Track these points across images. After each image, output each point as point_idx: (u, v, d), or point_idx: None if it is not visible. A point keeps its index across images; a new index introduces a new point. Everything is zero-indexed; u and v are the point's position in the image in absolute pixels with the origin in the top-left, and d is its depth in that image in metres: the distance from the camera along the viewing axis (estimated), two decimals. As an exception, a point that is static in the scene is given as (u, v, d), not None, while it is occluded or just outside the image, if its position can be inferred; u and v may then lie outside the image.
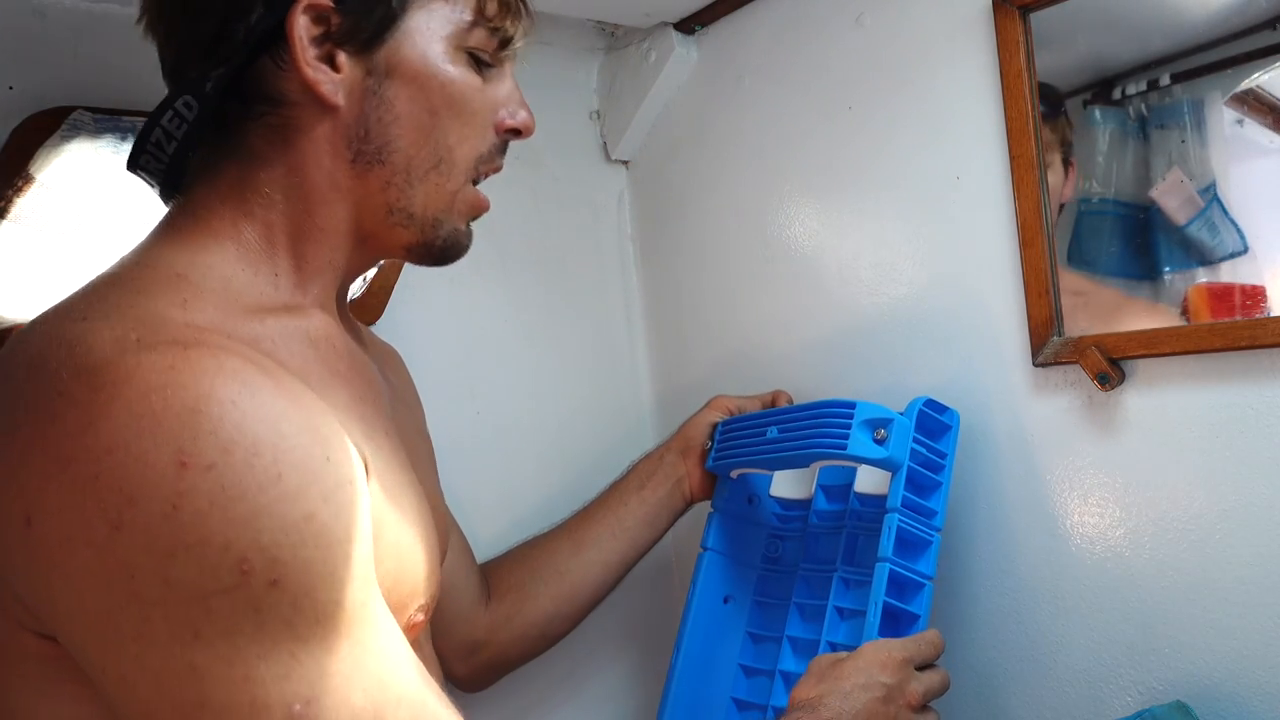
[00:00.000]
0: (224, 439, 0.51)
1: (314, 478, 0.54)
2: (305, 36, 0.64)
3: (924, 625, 0.84)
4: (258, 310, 0.64)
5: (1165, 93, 0.85)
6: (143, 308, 0.58)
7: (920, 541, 0.86)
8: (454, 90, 0.69)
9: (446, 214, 0.71)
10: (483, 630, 0.98)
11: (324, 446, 0.55)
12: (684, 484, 1.04)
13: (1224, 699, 0.79)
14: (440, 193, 0.70)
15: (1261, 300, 0.80)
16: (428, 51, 0.68)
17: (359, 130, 0.67)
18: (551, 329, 1.24)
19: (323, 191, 0.68)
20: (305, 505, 0.53)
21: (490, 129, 0.72)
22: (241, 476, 0.51)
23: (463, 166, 0.71)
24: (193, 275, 0.63)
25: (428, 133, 0.69)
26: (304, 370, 0.63)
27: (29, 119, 0.86)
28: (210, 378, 0.52)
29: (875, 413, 0.87)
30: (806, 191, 1.11)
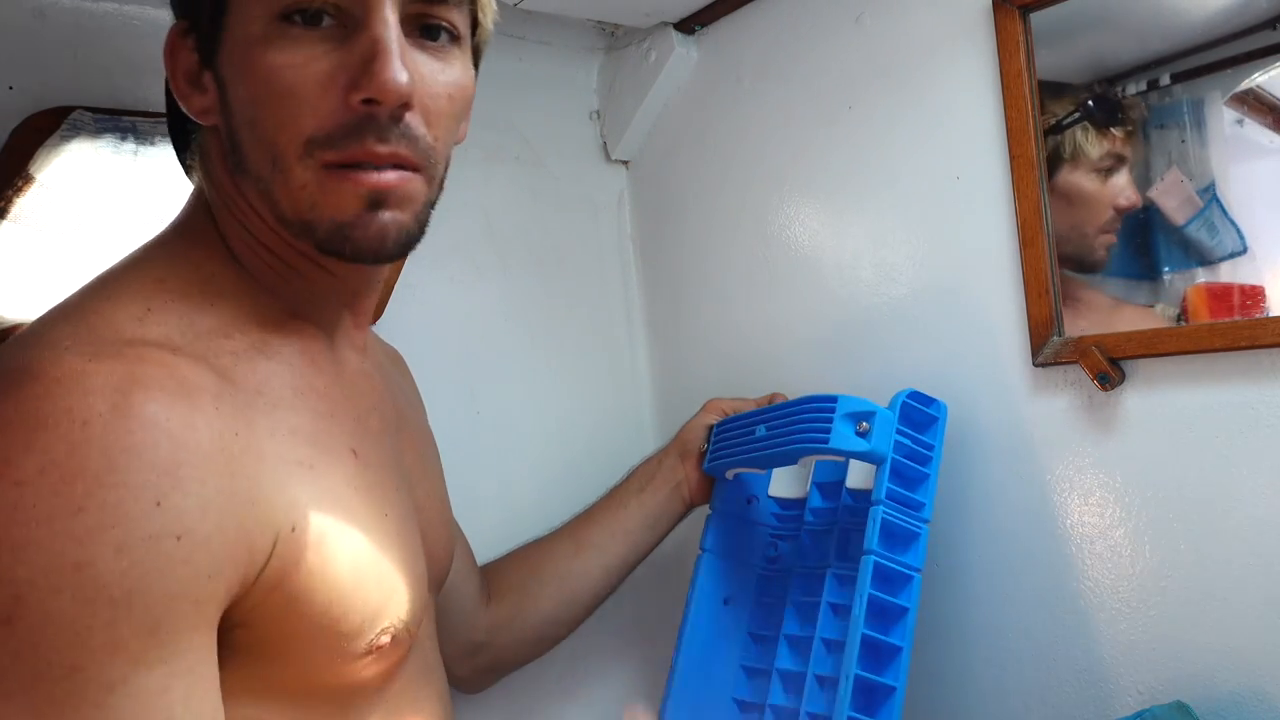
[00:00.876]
0: (47, 458, 0.49)
1: (119, 522, 0.50)
2: (179, 66, 0.64)
3: (913, 618, 0.84)
4: (232, 321, 0.64)
5: (1165, 93, 0.85)
6: (102, 315, 0.59)
7: (908, 534, 0.86)
8: (264, 71, 0.60)
9: (312, 212, 0.61)
10: (483, 632, 0.98)
11: (165, 491, 0.51)
12: (683, 487, 1.04)
13: (1224, 699, 0.79)
14: (291, 192, 0.61)
15: (1261, 300, 0.80)
16: (242, 38, 0.60)
17: (229, 143, 0.64)
18: (551, 329, 1.24)
19: (237, 205, 0.66)
20: (87, 551, 0.49)
21: (326, 103, 0.60)
22: (39, 501, 0.49)
23: (292, 156, 0.60)
24: (173, 280, 0.63)
25: (257, 129, 0.61)
26: (259, 389, 0.62)
27: (29, 119, 0.86)
28: (85, 394, 0.51)
29: (857, 406, 0.87)
30: (806, 191, 1.11)
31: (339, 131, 0.60)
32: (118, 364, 0.53)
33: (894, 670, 0.82)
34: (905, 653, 0.83)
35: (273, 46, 0.59)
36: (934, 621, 0.97)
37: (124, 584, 0.49)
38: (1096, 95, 0.88)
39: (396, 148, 0.61)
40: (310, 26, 0.59)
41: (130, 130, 0.91)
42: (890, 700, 0.81)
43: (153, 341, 0.58)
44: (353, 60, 0.59)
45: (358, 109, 0.59)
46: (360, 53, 0.59)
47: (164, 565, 0.51)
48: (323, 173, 0.61)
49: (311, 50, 0.59)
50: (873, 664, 0.82)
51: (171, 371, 0.55)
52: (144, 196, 0.91)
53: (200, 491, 0.53)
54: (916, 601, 0.84)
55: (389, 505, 0.69)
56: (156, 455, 0.52)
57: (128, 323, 0.59)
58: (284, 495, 0.59)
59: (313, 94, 0.59)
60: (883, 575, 0.83)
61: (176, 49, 0.64)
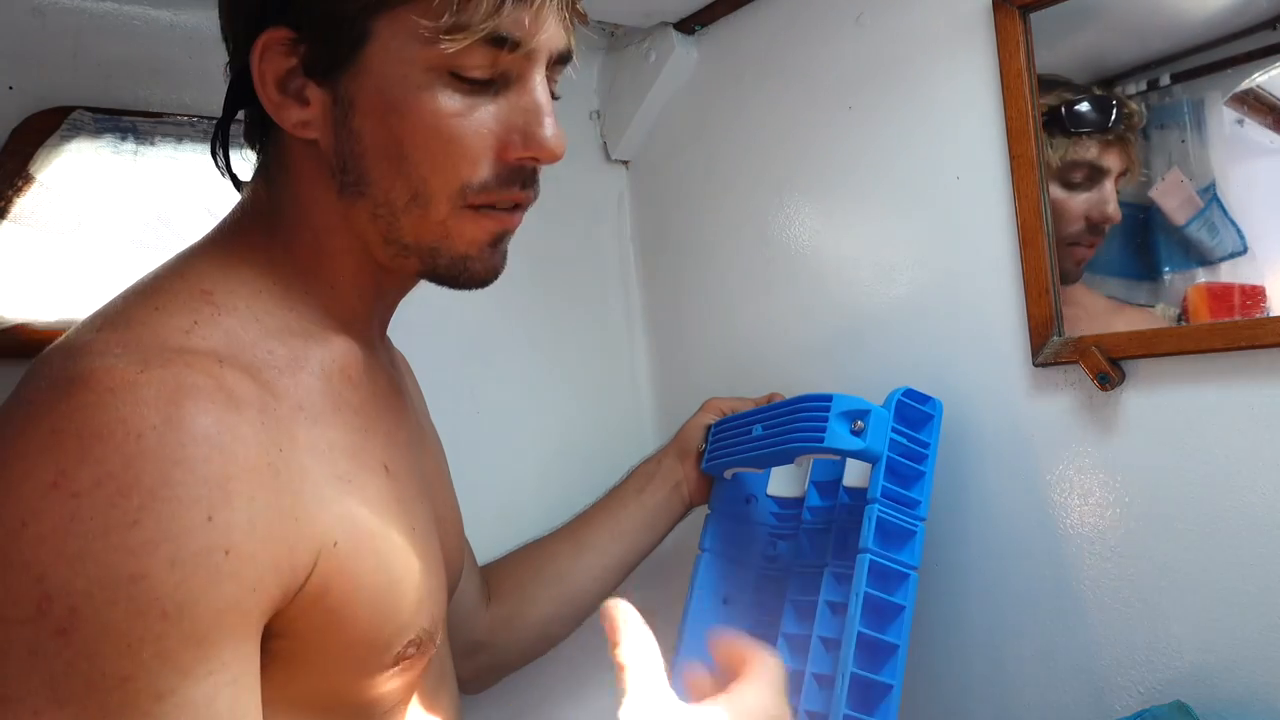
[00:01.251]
0: (103, 470, 0.50)
1: (172, 537, 0.50)
2: (269, 71, 0.63)
3: (909, 615, 0.84)
4: (276, 333, 0.64)
5: (1165, 93, 0.85)
6: (149, 326, 0.59)
7: (904, 532, 0.86)
8: (422, 120, 0.62)
9: (443, 243, 0.66)
10: (483, 631, 0.98)
11: (215, 506, 0.52)
12: (682, 487, 1.04)
13: (1224, 699, 0.79)
14: (426, 224, 0.65)
15: (1261, 300, 0.80)
16: (390, 76, 0.61)
17: (338, 162, 0.65)
18: (551, 329, 1.24)
19: (324, 220, 0.67)
20: (142, 564, 0.50)
21: (485, 156, 0.64)
22: (95, 513, 0.49)
23: (443, 198, 0.64)
24: (218, 292, 0.63)
25: (397, 165, 0.63)
26: (302, 402, 0.62)
27: (29, 119, 0.86)
28: (137, 405, 0.52)
29: (852, 404, 0.87)
30: (806, 191, 1.11)
31: (494, 181, 0.64)
32: (168, 374, 0.54)
33: (891, 668, 0.82)
34: (902, 651, 0.82)
35: (437, 93, 0.62)
36: (933, 620, 0.97)
37: (176, 597, 0.50)
38: (1086, 98, 0.87)
39: (531, 192, 0.68)
40: (472, 85, 0.63)
41: (130, 130, 0.91)
42: (887, 698, 0.81)
43: (200, 351, 0.58)
44: (514, 119, 0.64)
45: (513, 164, 0.65)
46: (522, 113, 0.64)
47: (214, 579, 0.52)
48: (465, 212, 0.65)
49: (474, 101, 0.63)
50: (870, 662, 0.82)
51: (220, 383, 0.56)
52: (144, 196, 0.91)
53: (248, 507, 0.54)
54: (913, 599, 0.84)
55: (416, 518, 0.70)
56: (208, 469, 0.52)
57: (174, 334, 0.59)
58: (327, 511, 0.60)
59: (476, 146, 0.63)
60: (879, 573, 0.83)
61: (272, 54, 0.63)
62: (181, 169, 0.93)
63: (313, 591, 0.58)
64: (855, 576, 0.83)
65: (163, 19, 0.95)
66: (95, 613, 0.49)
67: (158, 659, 0.50)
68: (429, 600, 0.69)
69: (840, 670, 0.81)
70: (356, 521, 0.62)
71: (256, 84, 0.64)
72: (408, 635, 0.66)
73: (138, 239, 0.90)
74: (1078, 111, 0.86)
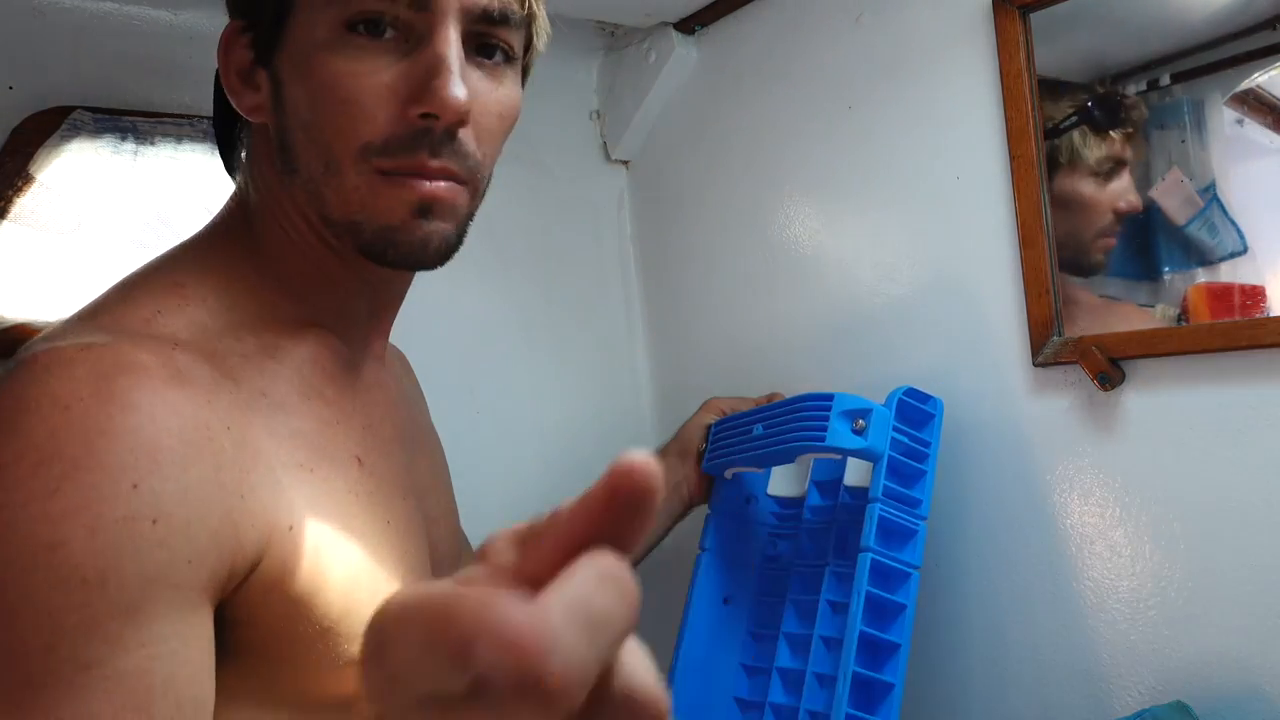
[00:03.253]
0: (28, 442, 0.50)
1: (92, 504, 0.49)
2: (231, 64, 0.65)
3: (911, 615, 0.84)
4: (245, 324, 0.64)
5: (1165, 93, 0.85)
6: (113, 314, 0.60)
7: (905, 531, 0.86)
8: (326, 77, 0.61)
9: (361, 214, 0.63)
10: None
11: (143, 474, 0.51)
12: (683, 487, 1.04)
13: (1224, 699, 0.79)
14: (343, 194, 0.63)
15: (1261, 300, 0.80)
16: (303, 43, 0.62)
17: (278, 141, 0.65)
18: (551, 329, 1.24)
19: (279, 207, 0.67)
20: (60, 532, 0.49)
21: (384, 112, 0.61)
22: (17, 484, 0.49)
23: (347, 160, 0.62)
24: (191, 285, 0.64)
25: (311, 131, 0.62)
26: (267, 388, 0.62)
27: (29, 119, 0.86)
28: (68, 380, 0.52)
29: (853, 404, 0.87)
30: (806, 191, 1.11)
31: (395, 142, 0.61)
32: (107, 351, 0.54)
33: (892, 667, 0.82)
34: (903, 650, 0.83)
35: (336, 53, 0.61)
36: (934, 620, 0.97)
37: (97, 564, 0.49)
38: (1097, 97, 0.88)
39: (447, 163, 0.63)
40: (374, 37, 0.61)
41: (130, 130, 0.91)
42: (889, 697, 0.81)
43: (157, 336, 0.58)
44: (414, 74, 0.61)
45: (415, 122, 0.61)
46: (422, 67, 0.61)
47: (139, 547, 0.51)
48: (375, 177, 0.62)
49: (375, 61, 0.61)
50: (871, 661, 0.82)
51: (165, 360, 0.56)
52: (144, 196, 0.91)
53: (180, 477, 0.53)
54: (914, 598, 0.84)
55: (392, 514, 0.69)
56: (137, 439, 0.52)
57: (135, 321, 0.60)
58: (281, 495, 0.59)
59: (372, 103, 0.61)
60: (880, 572, 0.83)
61: (231, 46, 0.65)
62: (181, 169, 0.93)
63: (269, 574, 0.57)
64: (857, 575, 0.83)
65: (163, 19, 0.95)
66: (14, 580, 0.48)
67: (81, 628, 0.49)
68: None
69: (842, 669, 0.81)
70: (316, 509, 0.61)
71: (221, 75, 0.66)
72: None
73: (138, 239, 0.90)
74: (1113, 108, 0.87)
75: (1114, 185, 0.87)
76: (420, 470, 0.79)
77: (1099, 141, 0.87)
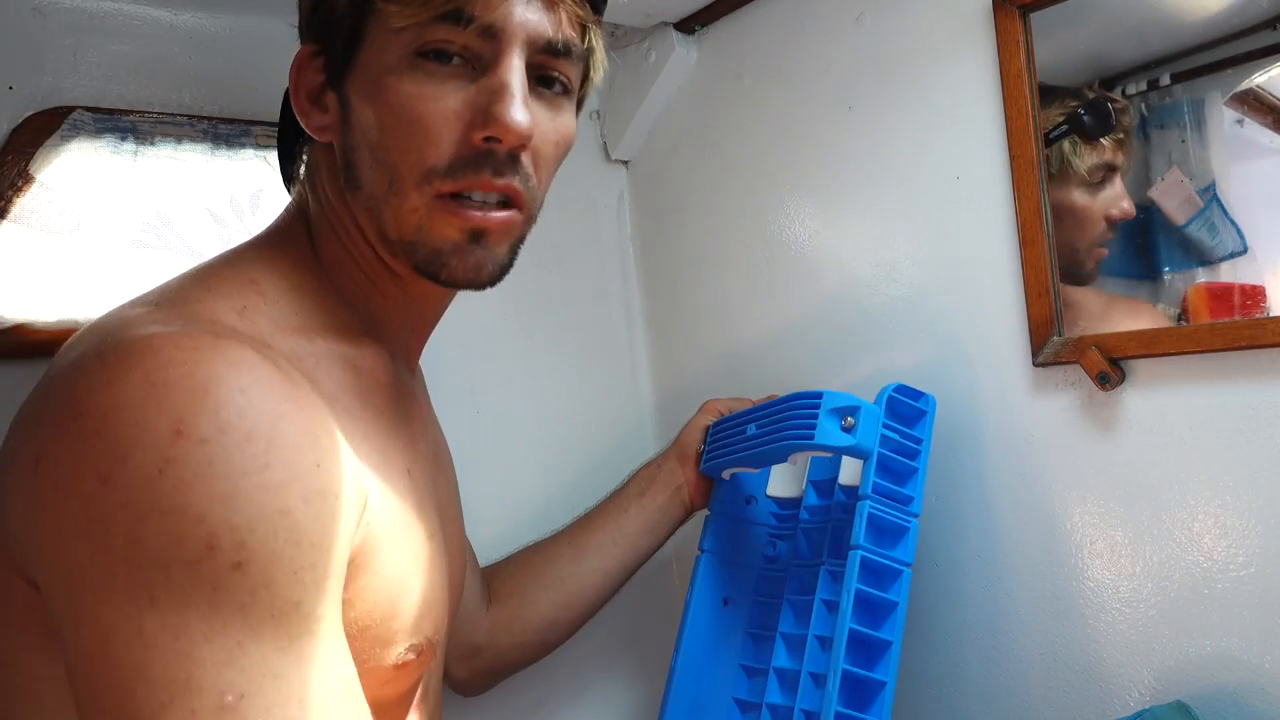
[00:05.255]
0: (223, 419, 0.52)
1: (299, 477, 0.53)
2: (303, 85, 0.69)
3: (903, 612, 0.83)
4: (313, 328, 0.67)
5: (1165, 93, 0.85)
6: (204, 305, 0.62)
7: (897, 528, 0.86)
8: (395, 101, 0.64)
9: (418, 235, 0.66)
10: (483, 633, 0.98)
11: (318, 454, 0.55)
12: (683, 491, 1.04)
13: (1224, 699, 0.79)
14: (401, 214, 0.66)
15: (1261, 300, 0.80)
16: (373, 68, 0.65)
17: (343, 160, 0.68)
18: (551, 329, 1.24)
19: (341, 222, 0.70)
20: (285, 500, 0.53)
21: (449, 136, 0.64)
22: (230, 456, 0.51)
23: (410, 182, 0.65)
24: (265, 284, 0.66)
25: (378, 152, 0.65)
26: (336, 394, 0.65)
27: (29, 119, 0.86)
28: (228, 365, 0.54)
29: (842, 401, 0.87)
30: (806, 191, 1.11)
31: (458, 163, 0.64)
32: (236, 343, 0.56)
33: (884, 666, 0.82)
34: (895, 648, 0.82)
35: (405, 78, 0.64)
36: (933, 620, 0.97)
37: (316, 529, 0.54)
38: (1088, 103, 0.87)
39: (510, 181, 0.66)
40: (442, 63, 0.64)
41: (130, 130, 0.91)
42: (880, 696, 0.81)
43: (248, 334, 0.60)
44: (479, 99, 0.64)
45: (478, 145, 0.64)
46: (487, 93, 0.64)
47: (335, 516, 0.55)
48: (434, 201, 0.65)
49: (442, 86, 0.64)
50: (862, 659, 0.82)
51: (276, 360, 0.58)
52: (144, 196, 0.91)
53: (337, 459, 0.57)
54: (906, 596, 0.84)
55: (433, 527, 0.72)
56: (304, 424, 0.55)
57: (228, 314, 0.62)
58: (362, 492, 0.61)
59: (438, 126, 0.64)
60: (871, 570, 0.83)
61: (304, 69, 0.69)
62: (181, 169, 0.93)
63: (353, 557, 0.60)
64: (847, 573, 0.83)
65: (163, 19, 0.95)
66: (262, 545, 0.51)
67: (315, 585, 0.54)
68: (436, 609, 0.70)
69: (831, 667, 0.81)
70: (383, 509, 0.64)
71: (291, 96, 0.70)
72: (411, 639, 0.67)
73: (138, 239, 0.90)
74: (1103, 115, 0.87)
75: (1106, 193, 0.87)
76: (442, 487, 0.81)
77: (1090, 150, 0.87)
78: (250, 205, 0.96)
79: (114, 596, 0.50)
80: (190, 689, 0.49)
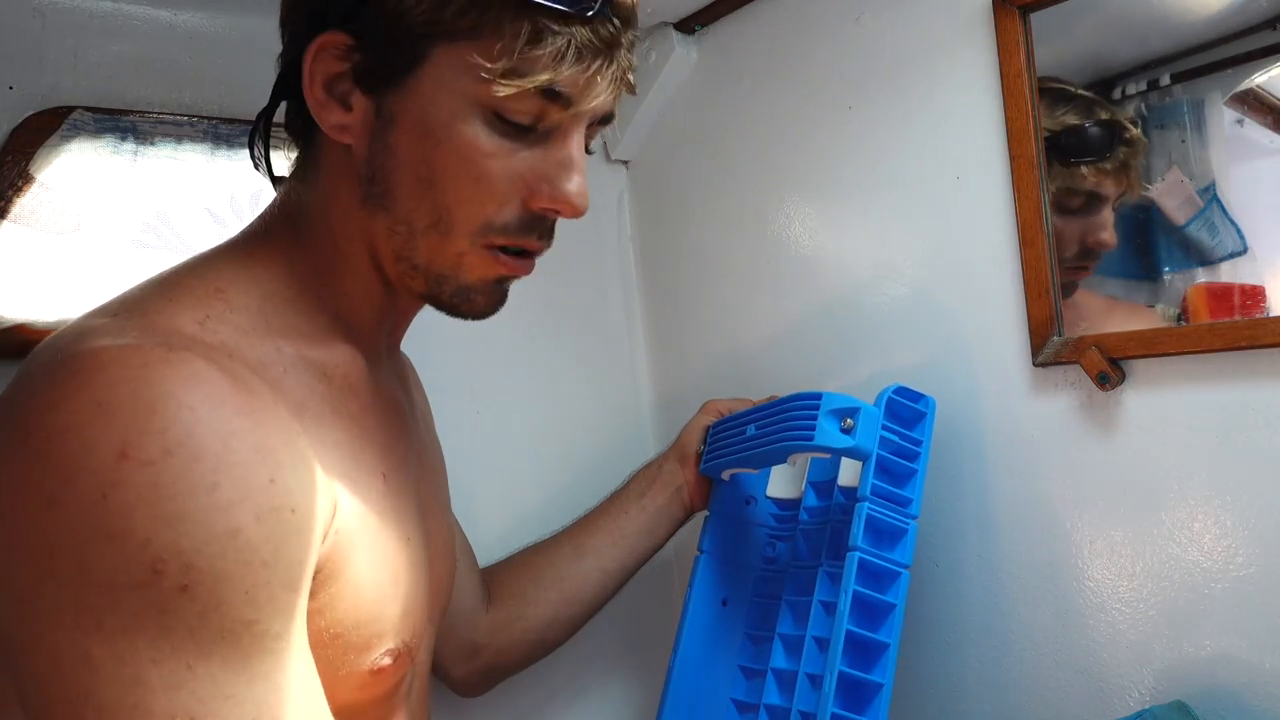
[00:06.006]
0: (170, 439, 0.51)
1: (249, 495, 0.53)
2: (319, 71, 0.65)
3: (901, 614, 0.83)
4: (284, 334, 0.65)
5: (1165, 93, 0.85)
6: (162, 315, 0.60)
7: (895, 530, 0.85)
8: (464, 151, 0.63)
9: (454, 273, 0.68)
10: (483, 634, 0.98)
11: (273, 469, 0.55)
12: (683, 492, 1.04)
13: (1224, 699, 0.79)
14: (442, 251, 0.67)
15: (1261, 300, 0.80)
16: (437, 102, 0.63)
17: (368, 171, 0.66)
18: (551, 329, 1.24)
19: (344, 226, 0.69)
20: (235, 519, 0.52)
21: (513, 199, 0.66)
22: (177, 478, 0.51)
23: (464, 231, 0.66)
24: (232, 292, 0.64)
25: (426, 189, 0.65)
26: (305, 400, 0.64)
27: (29, 119, 0.86)
28: (178, 381, 0.53)
29: (842, 402, 0.87)
30: (806, 191, 1.11)
31: (514, 225, 0.66)
32: (191, 356, 0.55)
33: (881, 667, 0.82)
34: (892, 650, 0.82)
35: (481, 133, 0.63)
36: (933, 620, 0.97)
37: (269, 547, 0.53)
38: (1090, 124, 0.86)
39: (546, 243, 0.70)
40: (520, 130, 0.64)
41: (130, 130, 0.91)
42: (877, 698, 0.81)
43: (211, 344, 0.59)
44: (546, 169, 0.65)
45: (534, 211, 0.66)
46: (554, 164, 0.65)
47: (290, 533, 0.55)
48: (483, 250, 0.67)
49: (511, 144, 0.64)
50: (860, 661, 0.82)
51: (231, 369, 0.57)
52: (144, 196, 0.91)
53: (295, 472, 0.56)
54: (904, 598, 0.84)
55: (410, 531, 0.71)
56: (257, 438, 0.55)
57: (188, 324, 0.60)
58: (330, 500, 0.61)
59: (504, 189, 0.65)
60: (869, 572, 0.83)
61: (324, 55, 0.64)
62: (181, 169, 0.93)
63: (320, 568, 0.60)
64: (844, 575, 0.83)
65: (163, 19, 0.95)
66: (210, 566, 0.51)
67: (270, 603, 0.54)
68: (415, 613, 0.70)
69: (828, 668, 0.81)
70: (353, 516, 0.63)
71: (305, 81, 0.65)
72: (387, 643, 0.66)
73: (138, 239, 0.90)
74: (1076, 141, 0.86)
75: (1087, 219, 0.87)
76: (425, 489, 0.80)
77: (1064, 172, 0.86)
78: (250, 205, 0.96)
79: (63, 620, 0.50)
80: (139, 713, 0.49)
